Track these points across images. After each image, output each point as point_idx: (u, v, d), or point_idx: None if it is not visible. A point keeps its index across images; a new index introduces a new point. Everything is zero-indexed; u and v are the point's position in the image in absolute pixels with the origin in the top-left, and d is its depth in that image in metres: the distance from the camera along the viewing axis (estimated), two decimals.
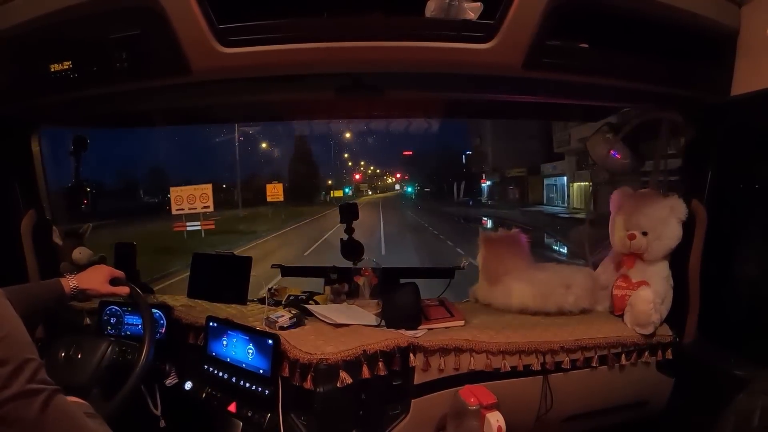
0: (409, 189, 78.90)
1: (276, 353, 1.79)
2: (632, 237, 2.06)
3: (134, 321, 2.10)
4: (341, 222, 2.49)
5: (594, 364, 1.97)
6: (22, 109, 1.93)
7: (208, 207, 17.85)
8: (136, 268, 2.54)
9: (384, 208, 43.86)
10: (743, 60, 1.71)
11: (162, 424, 1.92)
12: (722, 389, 1.74)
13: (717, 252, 1.98)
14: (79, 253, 2.33)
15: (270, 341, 1.81)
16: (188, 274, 2.42)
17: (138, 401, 1.83)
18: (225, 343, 1.92)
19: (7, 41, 1.67)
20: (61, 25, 1.59)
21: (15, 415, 0.86)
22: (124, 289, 1.79)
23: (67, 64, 1.65)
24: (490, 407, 1.69)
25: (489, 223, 30.49)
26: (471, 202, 50.35)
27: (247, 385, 1.84)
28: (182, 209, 17.68)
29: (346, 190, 68.04)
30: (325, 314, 2.04)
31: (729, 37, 1.71)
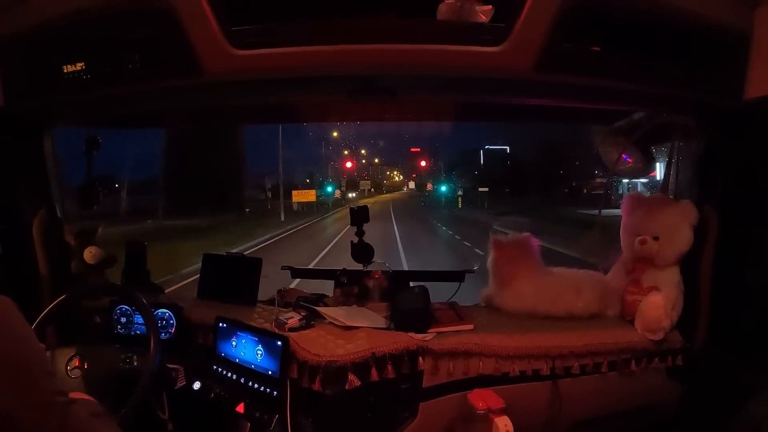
0: (444, 188, 50.86)
1: (285, 355, 1.80)
2: (643, 242, 2.04)
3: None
4: (351, 224, 2.48)
5: (603, 370, 1.96)
6: (34, 108, 1.94)
7: None
8: (147, 267, 2.56)
9: None
10: (757, 63, 1.69)
11: (170, 427, 1.93)
12: (733, 397, 1.73)
13: (729, 258, 1.96)
14: (90, 253, 2.35)
15: (279, 342, 1.81)
16: None
17: (145, 408, 1.84)
18: (234, 343, 1.93)
19: (20, 42, 1.69)
20: (75, 27, 1.60)
21: (32, 428, 0.86)
22: None
23: (80, 65, 1.67)
24: (499, 412, 1.68)
25: None
26: None
27: (256, 385, 1.85)
28: None
29: (329, 188, 47.38)
30: (335, 316, 2.03)
31: (742, 41, 1.69)
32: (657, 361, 2.01)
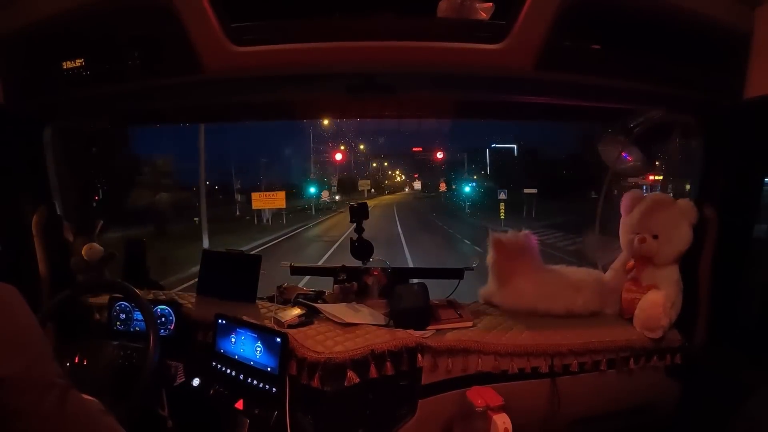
0: (467, 189, 43.33)
1: (284, 351, 1.80)
2: (643, 240, 2.04)
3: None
4: (351, 221, 2.48)
5: (602, 368, 1.96)
6: (34, 106, 1.94)
7: None
8: (146, 265, 2.56)
9: None
10: (757, 62, 1.69)
11: (169, 424, 1.93)
12: (732, 395, 1.73)
13: (728, 257, 1.96)
14: (90, 250, 2.34)
15: (278, 339, 1.81)
16: None
17: (145, 404, 1.84)
18: (233, 340, 1.93)
19: (20, 39, 1.69)
20: (74, 24, 1.60)
21: (31, 407, 0.86)
22: None
23: (79, 62, 1.67)
24: (497, 409, 1.68)
25: None
26: None
27: (255, 382, 1.85)
28: None
29: (311, 189, 38.87)
30: (334, 313, 2.03)
31: (742, 40, 1.69)
32: (656, 359, 2.01)
